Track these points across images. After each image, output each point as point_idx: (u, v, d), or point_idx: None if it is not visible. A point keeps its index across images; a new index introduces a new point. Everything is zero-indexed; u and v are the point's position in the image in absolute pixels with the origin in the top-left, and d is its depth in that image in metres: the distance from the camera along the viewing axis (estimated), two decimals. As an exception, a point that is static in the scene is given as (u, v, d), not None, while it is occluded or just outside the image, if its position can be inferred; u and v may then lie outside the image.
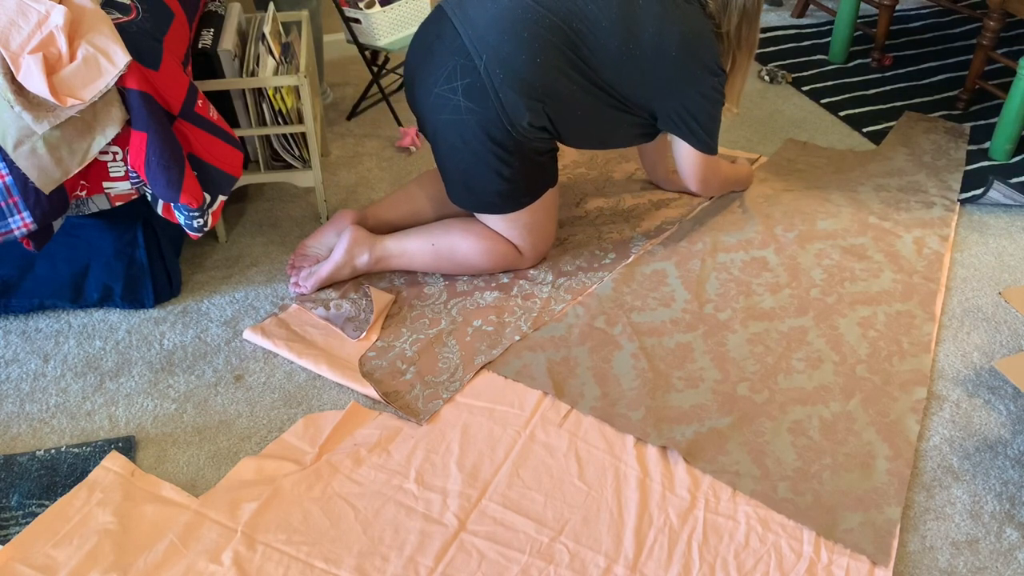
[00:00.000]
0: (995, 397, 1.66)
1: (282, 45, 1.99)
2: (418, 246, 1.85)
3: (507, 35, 1.66)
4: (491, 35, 1.67)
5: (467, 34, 1.69)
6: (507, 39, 1.66)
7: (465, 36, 1.69)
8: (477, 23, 1.69)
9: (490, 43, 1.67)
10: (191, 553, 1.34)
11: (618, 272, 1.94)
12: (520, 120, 1.68)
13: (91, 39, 1.43)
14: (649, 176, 2.24)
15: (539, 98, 1.68)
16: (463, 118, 1.70)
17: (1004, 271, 1.98)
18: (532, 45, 1.66)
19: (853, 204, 2.18)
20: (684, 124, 1.81)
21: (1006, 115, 2.33)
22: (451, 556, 1.35)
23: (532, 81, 1.66)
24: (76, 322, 1.79)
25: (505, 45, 1.66)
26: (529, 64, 1.66)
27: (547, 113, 1.70)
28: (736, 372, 1.69)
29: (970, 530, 1.42)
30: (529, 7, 1.68)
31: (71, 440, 1.54)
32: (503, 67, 1.66)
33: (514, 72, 1.66)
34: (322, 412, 1.60)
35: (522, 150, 1.73)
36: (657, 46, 1.71)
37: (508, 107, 1.67)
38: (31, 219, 1.49)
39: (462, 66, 1.68)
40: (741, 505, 1.44)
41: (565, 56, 1.68)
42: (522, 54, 1.65)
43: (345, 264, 1.83)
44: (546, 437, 1.55)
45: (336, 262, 1.82)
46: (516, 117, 1.67)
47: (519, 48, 1.65)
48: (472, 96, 1.68)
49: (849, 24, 2.87)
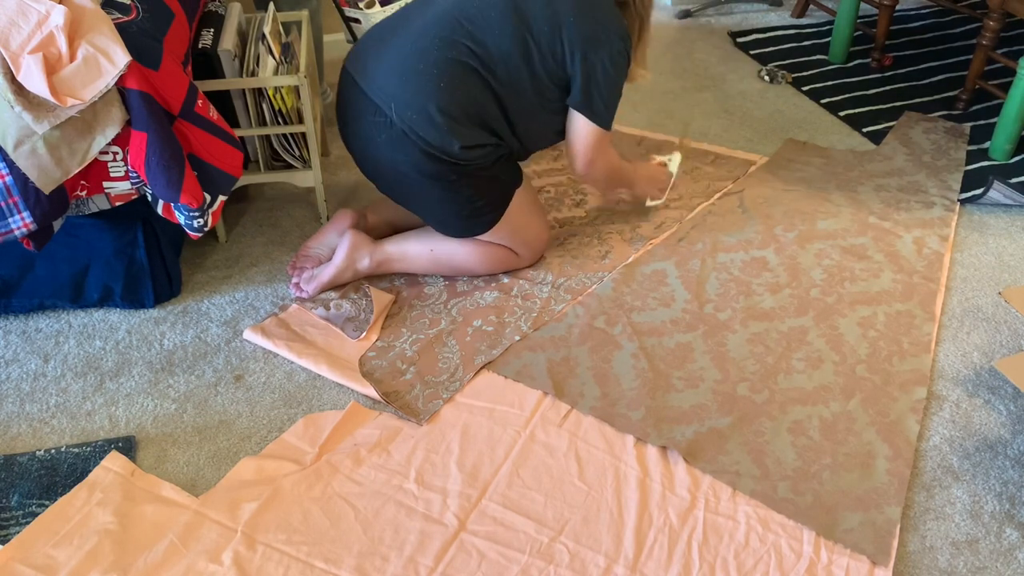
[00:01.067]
0: (995, 397, 1.66)
1: (282, 45, 1.99)
2: (417, 251, 1.86)
3: (407, 75, 1.65)
4: (390, 82, 1.67)
5: (370, 89, 1.69)
6: (408, 79, 1.65)
7: (369, 92, 1.69)
8: (376, 76, 1.69)
9: (392, 90, 1.66)
10: (191, 553, 1.34)
11: (618, 272, 1.94)
12: (451, 147, 1.66)
13: (91, 39, 1.43)
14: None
15: (461, 118, 1.65)
16: (399, 170, 1.71)
17: (1004, 271, 1.98)
18: (434, 73, 1.64)
19: (853, 204, 2.18)
20: (586, 93, 1.70)
21: (1006, 115, 2.33)
22: (451, 556, 1.35)
23: (448, 108, 1.64)
24: (76, 322, 1.79)
25: (408, 85, 1.65)
26: (437, 93, 1.63)
27: (479, 126, 1.68)
28: (736, 372, 1.69)
29: (970, 530, 1.42)
30: (415, 39, 1.66)
31: (71, 440, 1.54)
32: (413, 108, 1.64)
33: (424, 108, 1.64)
34: (322, 412, 1.60)
35: (466, 173, 1.71)
36: (551, 19, 1.64)
37: (434, 141, 1.65)
38: (31, 219, 1.49)
39: (375, 123, 1.69)
40: (741, 505, 1.44)
41: (471, 67, 1.65)
42: (428, 86, 1.64)
43: (346, 268, 1.83)
44: (546, 437, 1.55)
45: (337, 266, 1.82)
46: (446, 146, 1.66)
47: (423, 83, 1.64)
48: (395, 147, 1.68)
49: (849, 24, 2.87)
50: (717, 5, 3.29)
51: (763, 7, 3.32)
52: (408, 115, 1.65)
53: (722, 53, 2.99)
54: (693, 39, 3.07)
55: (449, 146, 1.65)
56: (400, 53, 1.67)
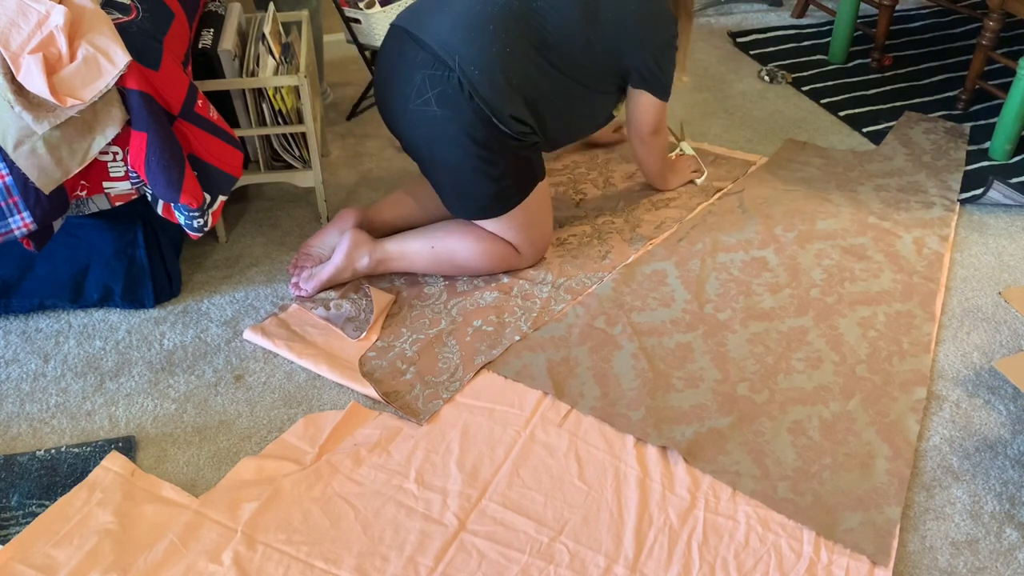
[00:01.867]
0: (995, 397, 1.66)
1: (282, 45, 1.99)
2: (417, 249, 1.86)
3: (474, 32, 1.68)
4: (456, 37, 1.68)
5: (433, 42, 1.69)
6: (475, 36, 1.68)
7: (432, 44, 1.69)
8: (439, 30, 1.70)
9: (458, 45, 1.68)
10: (191, 553, 1.34)
11: (618, 272, 1.94)
12: (502, 112, 1.69)
13: (91, 39, 1.43)
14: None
15: (516, 88, 1.70)
16: (442, 128, 1.71)
17: (1004, 271, 1.98)
18: (501, 37, 1.68)
19: (853, 204, 2.18)
20: (653, 76, 1.87)
21: (1006, 115, 2.33)
22: (451, 556, 1.35)
23: (507, 72, 1.69)
24: (76, 322, 1.79)
25: (475, 43, 1.67)
26: (501, 56, 1.68)
27: (525, 102, 1.72)
28: (736, 372, 1.69)
29: (970, 530, 1.42)
30: (484, 2, 1.70)
31: (71, 440, 1.54)
32: (477, 64, 1.67)
33: (489, 67, 1.67)
34: (322, 412, 1.60)
35: (506, 147, 1.74)
36: (616, 8, 1.76)
37: (489, 102, 1.68)
38: (31, 219, 1.49)
39: (430, 77, 1.69)
40: (741, 505, 1.44)
41: (532, 43, 1.71)
42: (493, 47, 1.68)
43: (346, 267, 1.83)
44: (546, 437, 1.55)
45: (337, 265, 1.82)
46: (498, 110, 1.68)
47: (489, 43, 1.68)
48: (447, 103, 1.68)
49: (849, 24, 2.87)
50: (717, 5, 3.29)
51: (763, 7, 3.32)
52: (471, 70, 1.67)
53: (722, 53, 2.99)
54: (693, 39, 3.07)
55: (501, 110, 1.69)
56: (472, 12, 1.70)
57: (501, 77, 1.68)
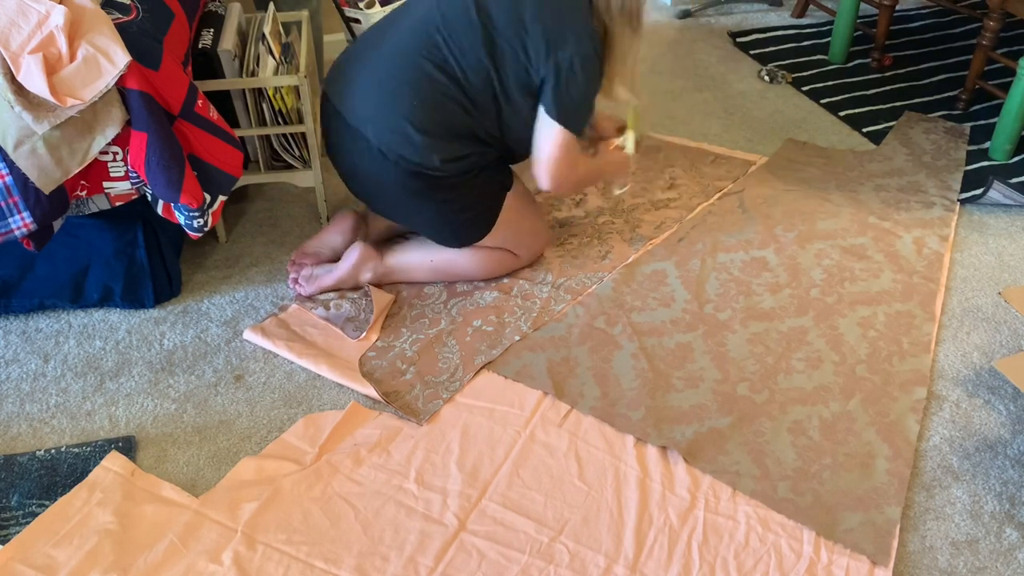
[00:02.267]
0: (995, 397, 1.66)
1: (282, 45, 1.99)
2: (417, 262, 1.87)
3: (378, 97, 1.65)
4: (366, 106, 1.67)
5: (348, 114, 1.69)
6: (380, 101, 1.65)
7: (347, 117, 1.69)
8: (352, 100, 1.69)
9: (368, 113, 1.66)
10: (191, 553, 1.34)
11: (618, 272, 1.94)
12: (431, 162, 1.65)
13: (91, 39, 1.43)
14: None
15: (440, 135, 1.65)
16: (387, 192, 1.72)
17: (1004, 271, 1.98)
18: (403, 92, 1.63)
19: (853, 204, 2.18)
20: (555, 94, 1.63)
21: (1006, 115, 2.33)
22: (451, 556, 1.35)
23: (421, 124, 1.63)
24: (76, 322, 1.79)
25: (381, 108, 1.65)
26: (410, 110, 1.63)
27: (455, 141, 1.67)
28: (736, 372, 1.69)
29: (970, 530, 1.42)
30: (388, 57, 1.66)
31: (71, 440, 1.54)
32: (388, 128, 1.65)
33: (400, 126, 1.63)
34: (322, 412, 1.60)
35: (453, 185, 1.71)
36: (516, 24, 1.60)
37: (414, 158, 1.65)
38: (31, 219, 1.49)
39: (357, 147, 1.69)
40: (741, 505, 1.44)
41: (439, 81, 1.63)
42: (400, 106, 1.63)
43: (349, 279, 1.83)
44: (546, 437, 1.55)
45: (340, 276, 1.82)
46: (426, 161, 1.65)
47: (394, 102, 1.64)
48: (380, 171, 1.69)
49: (849, 24, 2.86)
50: (717, 5, 3.29)
51: (763, 7, 3.32)
52: (386, 137, 1.65)
53: (722, 53, 2.99)
54: (693, 39, 3.07)
55: (429, 161, 1.65)
56: (374, 75, 1.67)
57: (418, 134, 1.63)
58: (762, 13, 3.28)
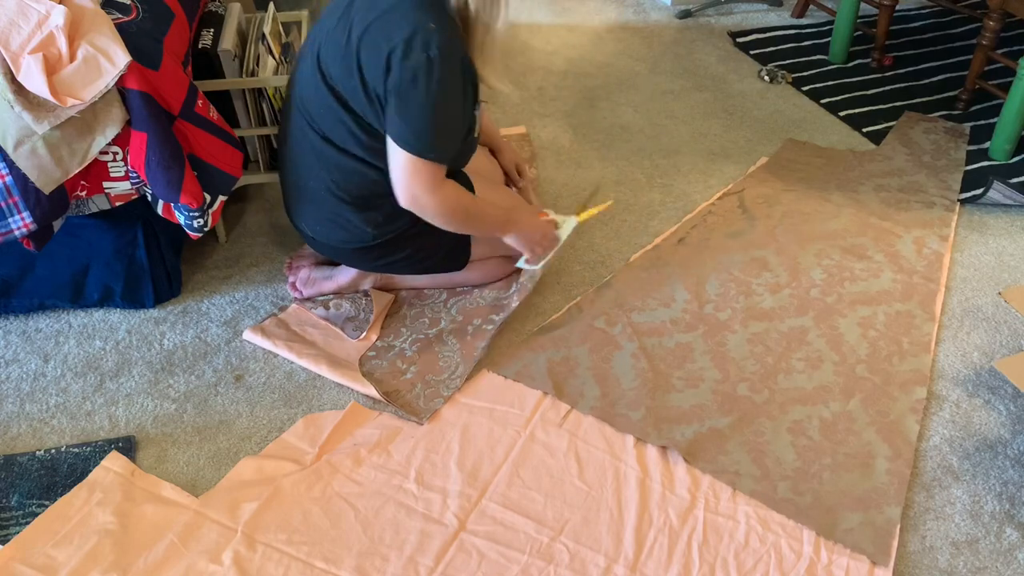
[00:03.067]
0: (995, 397, 1.66)
1: (282, 45, 1.99)
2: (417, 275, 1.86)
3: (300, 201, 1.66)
4: (298, 205, 1.67)
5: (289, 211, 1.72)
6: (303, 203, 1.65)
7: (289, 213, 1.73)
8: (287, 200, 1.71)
9: (301, 212, 1.68)
10: (191, 553, 1.34)
11: (618, 272, 1.94)
12: (367, 236, 1.63)
13: (91, 39, 1.43)
14: None
15: (362, 206, 1.60)
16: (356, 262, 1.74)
17: (1004, 271, 1.98)
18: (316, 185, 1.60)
19: (853, 204, 2.18)
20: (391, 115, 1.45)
21: (1006, 115, 2.33)
22: (451, 556, 1.35)
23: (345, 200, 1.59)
24: (76, 322, 1.79)
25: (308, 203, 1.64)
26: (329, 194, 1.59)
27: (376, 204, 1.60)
28: (736, 372, 1.69)
29: (970, 530, 1.42)
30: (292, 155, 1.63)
31: (71, 440, 1.54)
32: (320, 220, 1.64)
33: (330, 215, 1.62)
34: (322, 412, 1.60)
35: (404, 238, 1.66)
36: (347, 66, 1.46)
37: (354, 242, 1.64)
38: (31, 219, 1.49)
39: (315, 243, 1.73)
40: (741, 505, 1.44)
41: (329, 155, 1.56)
42: (319, 195, 1.61)
43: (349, 287, 1.83)
44: (546, 437, 1.55)
45: (341, 284, 1.82)
46: (365, 237, 1.64)
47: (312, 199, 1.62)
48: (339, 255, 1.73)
49: (849, 24, 2.86)
50: (717, 5, 3.29)
51: (763, 7, 3.32)
52: (322, 229, 1.66)
53: (722, 53, 2.99)
54: (693, 39, 3.07)
55: (366, 236, 1.64)
56: (291, 175, 1.66)
57: (347, 212, 1.60)
58: (762, 13, 3.28)
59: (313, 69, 1.53)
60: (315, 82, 1.52)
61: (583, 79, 2.76)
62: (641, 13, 3.25)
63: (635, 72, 2.83)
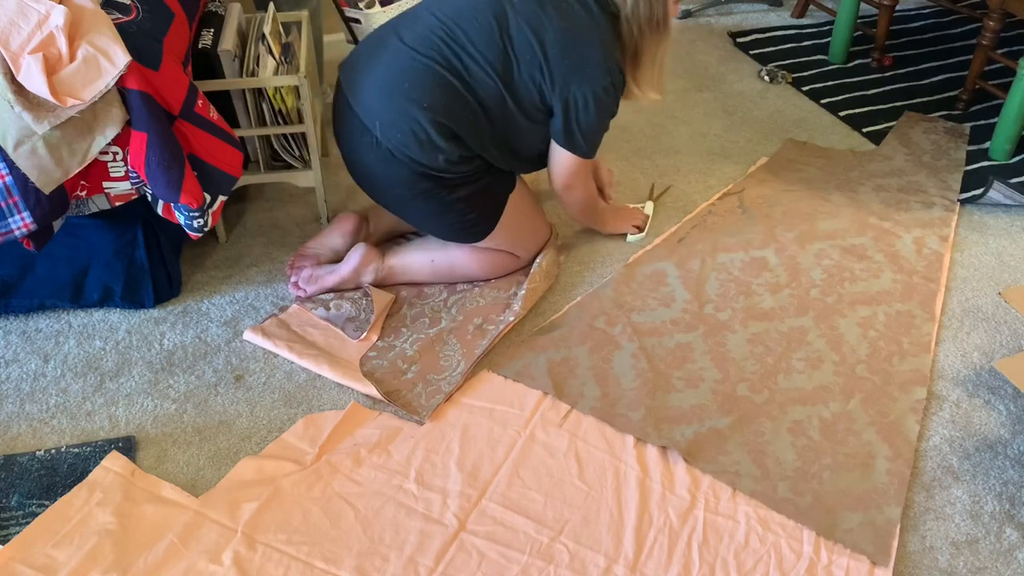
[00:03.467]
0: (995, 397, 1.66)
1: (282, 45, 1.99)
2: (419, 264, 1.87)
3: (389, 95, 1.65)
4: (376, 102, 1.67)
5: (359, 108, 1.69)
6: (390, 98, 1.65)
7: (358, 111, 1.69)
8: (362, 94, 1.69)
9: (378, 110, 1.66)
10: (191, 553, 1.34)
11: (618, 272, 1.94)
12: (437, 163, 1.66)
13: (91, 39, 1.43)
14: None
15: (447, 136, 1.64)
16: (393, 188, 1.73)
17: (1004, 271, 1.98)
18: (415, 91, 1.63)
19: (853, 204, 2.18)
20: (567, 128, 1.70)
21: (1006, 115, 2.33)
22: (451, 556, 1.35)
23: (428, 125, 1.63)
24: (76, 322, 1.79)
25: (391, 105, 1.65)
26: (419, 111, 1.63)
27: (461, 146, 1.67)
28: (736, 372, 1.69)
29: (970, 530, 1.42)
30: (401, 56, 1.65)
31: (71, 440, 1.54)
32: (396, 126, 1.64)
33: (408, 126, 1.63)
34: (322, 412, 1.60)
35: (456, 187, 1.71)
36: (535, 49, 1.62)
37: (420, 158, 1.65)
38: (31, 219, 1.49)
39: (364, 142, 1.70)
40: (741, 505, 1.44)
41: (450, 85, 1.63)
42: (409, 105, 1.63)
43: (351, 280, 1.83)
44: (546, 437, 1.55)
45: (343, 277, 1.82)
46: (432, 161, 1.66)
47: (403, 101, 1.63)
48: (385, 165, 1.69)
49: (849, 24, 2.86)
50: (717, 5, 3.29)
51: (763, 7, 3.32)
52: (393, 134, 1.65)
53: (722, 53, 2.99)
54: (693, 39, 3.07)
55: (434, 161, 1.66)
56: (387, 71, 1.66)
57: (425, 133, 1.63)
58: (762, 13, 3.28)
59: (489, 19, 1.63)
60: (488, 31, 1.63)
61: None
62: (641, 13, 3.25)
63: (635, 72, 2.83)
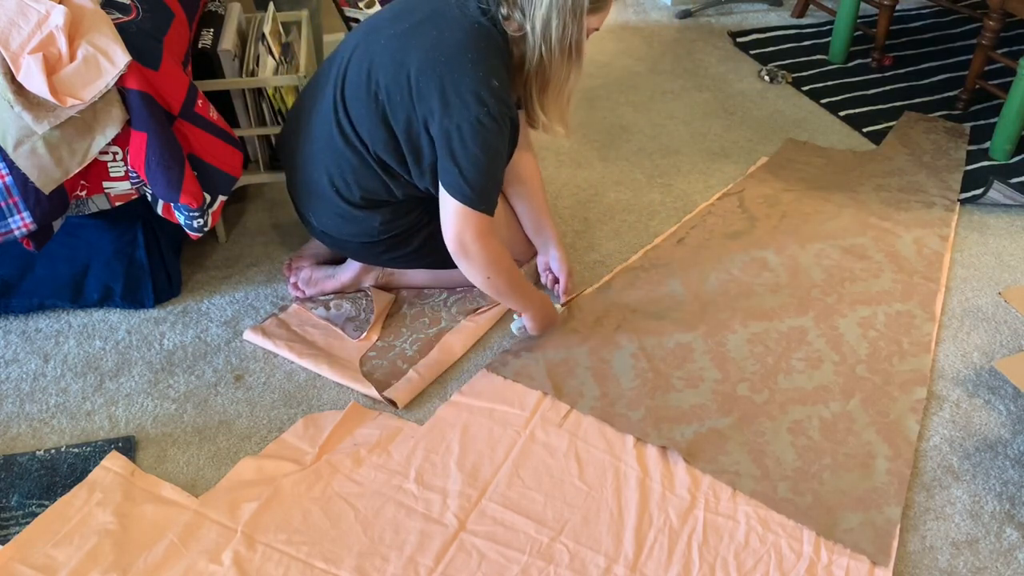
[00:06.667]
0: (995, 397, 1.66)
1: (282, 45, 1.99)
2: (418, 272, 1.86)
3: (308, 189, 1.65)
4: (303, 197, 1.68)
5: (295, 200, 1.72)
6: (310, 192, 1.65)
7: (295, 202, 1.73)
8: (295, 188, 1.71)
9: (307, 204, 1.68)
10: (191, 553, 1.34)
11: (618, 272, 1.94)
12: (374, 232, 1.64)
13: (91, 39, 1.43)
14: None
15: (369, 206, 1.61)
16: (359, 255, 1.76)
17: (1004, 271, 1.98)
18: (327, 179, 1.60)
19: (853, 204, 2.18)
20: (444, 164, 1.45)
21: (1006, 115, 2.33)
22: (451, 556, 1.35)
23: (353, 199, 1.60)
24: (76, 322, 1.79)
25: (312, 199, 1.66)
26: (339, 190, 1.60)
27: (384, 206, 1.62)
28: (736, 372, 1.69)
29: (970, 530, 1.42)
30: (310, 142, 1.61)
31: (71, 440, 1.54)
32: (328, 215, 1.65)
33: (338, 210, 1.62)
34: (322, 412, 1.60)
35: (410, 234, 1.68)
36: (401, 87, 1.45)
37: (361, 236, 1.65)
38: (31, 219, 1.49)
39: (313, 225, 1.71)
40: (741, 505, 1.44)
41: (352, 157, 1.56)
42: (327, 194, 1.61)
43: (351, 285, 1.83)
44: (546, 437, 1.55)
45: (343, 282, 1.82)
46: (372, 233, 1.64)
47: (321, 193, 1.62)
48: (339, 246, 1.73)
49: (849, 24, 2.86)
50: (717, 5, 3.29)
51: (763, 7, 3.32)
52: (329, 222, 1.66)
53: (722, 53, 2.99)
54: (693, 39, 3.07)
55: (372, 232, 1.65)
56: (303, 161, 1.64)
57: (355, 210, 1.61)
58: (762, 13, 3.28)
59: (362, 74, 1.50)
60: (361, 82, 1.50)
61: (583, 79, 2.75)
62: (641, 13, 3.25)
63: (635, 72, 2.83)
